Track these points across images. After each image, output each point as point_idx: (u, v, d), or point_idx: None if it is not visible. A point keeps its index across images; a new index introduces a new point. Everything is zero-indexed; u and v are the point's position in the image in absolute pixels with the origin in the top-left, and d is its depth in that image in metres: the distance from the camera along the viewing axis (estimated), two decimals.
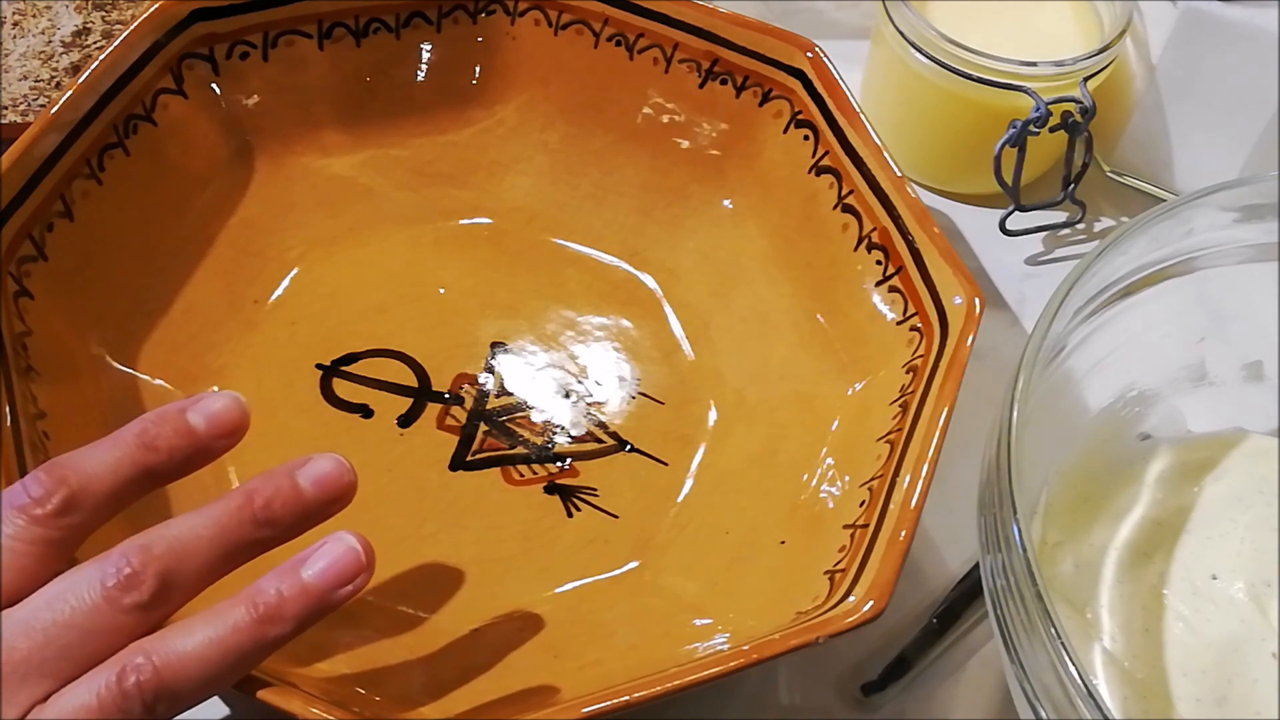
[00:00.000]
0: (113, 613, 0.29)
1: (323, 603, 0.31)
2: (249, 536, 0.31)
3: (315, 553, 0.31)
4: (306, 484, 0.32)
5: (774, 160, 0.47)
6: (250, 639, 0.30)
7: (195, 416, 0.32)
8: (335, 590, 0.31)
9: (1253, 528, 0.40)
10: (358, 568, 0.31)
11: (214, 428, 0.32)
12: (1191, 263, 0.41)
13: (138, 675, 0.28)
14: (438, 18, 0.48)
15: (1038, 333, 0.36)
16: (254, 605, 0.30)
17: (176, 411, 0.32)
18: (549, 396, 0.45)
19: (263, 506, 0.31)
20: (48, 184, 0.41)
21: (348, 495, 0.32)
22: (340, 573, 0.31)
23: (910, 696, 0.42)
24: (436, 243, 0.49)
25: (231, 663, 0.30)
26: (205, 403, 0.33)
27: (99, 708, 0.28)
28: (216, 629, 0.30)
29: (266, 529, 0.31)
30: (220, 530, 0.31)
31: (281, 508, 0.31)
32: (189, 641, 0.29)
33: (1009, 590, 0.33)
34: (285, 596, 0.30)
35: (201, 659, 0.29)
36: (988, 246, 0.54)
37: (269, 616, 0.30)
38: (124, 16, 0.53)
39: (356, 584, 0.31)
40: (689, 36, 0.47)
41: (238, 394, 0.33)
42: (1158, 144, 0.54)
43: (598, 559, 0.42)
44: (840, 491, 0.40)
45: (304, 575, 0.30)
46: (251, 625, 0.30)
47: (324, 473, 0.32)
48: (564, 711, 0.32)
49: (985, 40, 0.50)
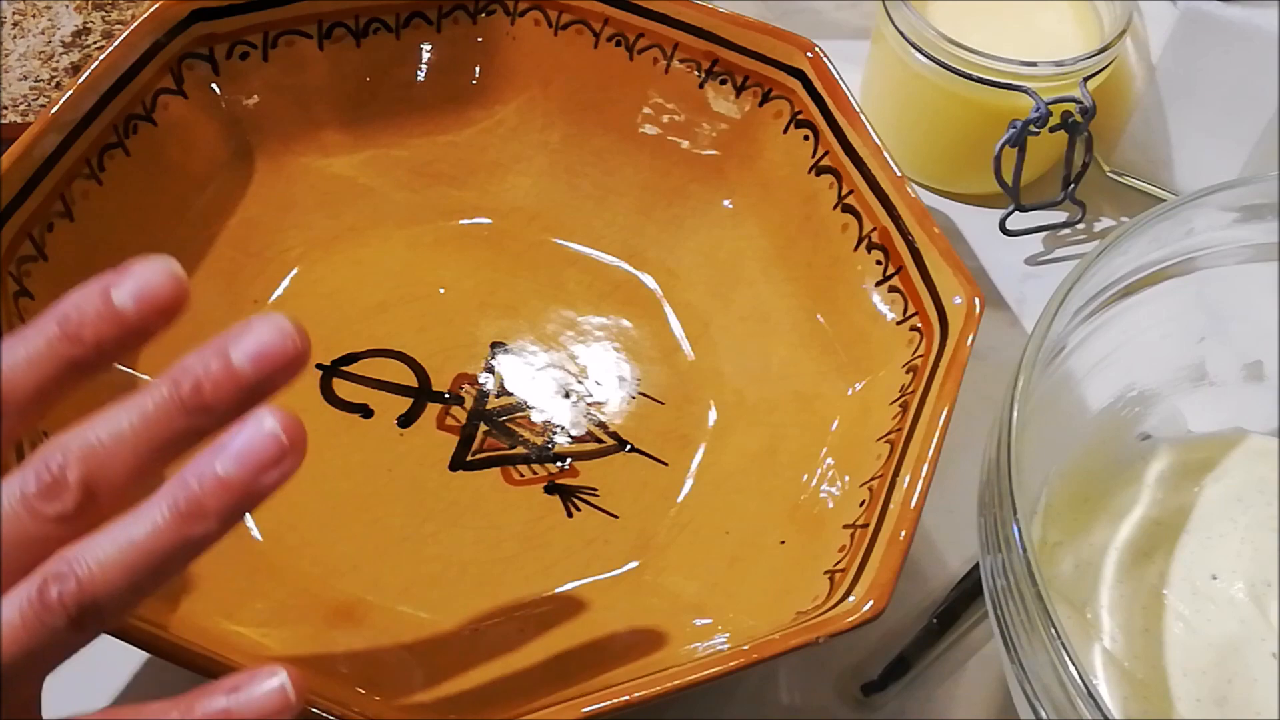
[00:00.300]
0: (35, 523, 0.27)
1: (246, 494, 0.27)
2: (180, 427, 0.27)
3: (232, 438, 0.27)
4: (242, 360, 0.27)
5: (774, 160, 0.47)
6: (173, 540, 0.27)
7: (122, 295, 0.28)
8: (257, 479, 0.27)
9: (1253, 528, 0.40)
10: (279, 451, 0.27)
11: (145, 306, 0.28)
12: (1191, 263, 0.41)
13: (60, 587, 0.26)
14: (438, 18, 0.48)
15: (1038, 333, 0.36)
16: (175, 503, 0.27)
17: (100, 291, 0.28)
18: (549, 396, 0.45)
19: (192, 392, 0.27)
20: (48, 184, 0.41)
21: (295, 364, 0.28)
22: (261, 459, 0.27)
23: (910, 696, 0.42)
24: (436, 243, 0.49)
25: (156, 567, 0.27)
26: (133, 276, 0.28)
27: (23, 624, 0.27)
28: (137, 531, 0.27)
29: (199, 416, 0.27)
30: (146, 424, 0.27)
31: (214, 392, 0.27)
32: (109, 548, 0.27)
33: (1009, 590, 0.33)
34: (206, 491, 0.27)
35: (124, 565, 0.27)
36: (988, 246, 0.54)
37: (190, 514, 0.27)
38: (124, 16, 0.53)
39: (282, 469, 0.27)
40: (689, 36, 0.47)
41: (170, 259, 0.28)
42: (1158, 144, 0.54)
43: (598, 559, 0.42)
44: (840, 491, 0.40)
45: (219, 467, 0.27)
46: (173, 525, 0.27)
47: (263, 345, 0.27)
48: (564, 711, 0.32)
49: (985, 40, 0.50)
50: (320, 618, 0.39)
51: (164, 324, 0.28)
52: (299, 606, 0.39)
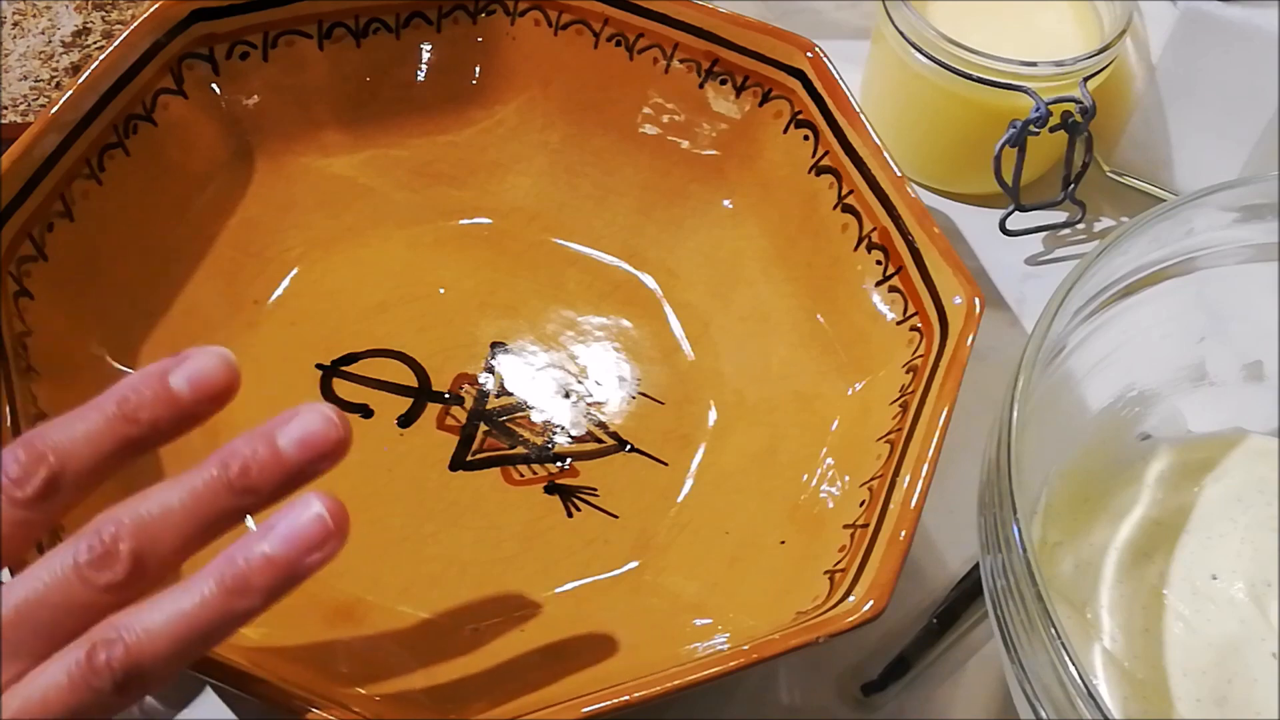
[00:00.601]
0: (86, 591, 0.28)
1: (290, 573, 0.29)
2: (226, 506, 0.29)
3: (281, 519, 0.29)
4: (288, 445, 0.29)
5: (774, 160, 0.47)
6: (218, 613, 0.28)
7: (178, 381, 0.30)
8: (302, 560, 0.29)
9: (1253, 528, 0.40)
10: (324, 534, 0.29)
11: (199, 393, 0.30)
12: (1191, 263, 0.41)
13: (108, 653, 0.28)
14: (438, 18, 0.48)
15: (1038, 333, 0.36)
16: (221, 578, 0.28)
17: (158, 376, 0.30)
18: (549, 396, 0.45)
19: (239, 474, 0.29)
20: (48, 184, 0.41)
21: (337, 452, 0.30)
22: (306, 542, 0.29)
23: (910, 696, 0.42)
24: (436, 243, 0.49)
25: (200, 637, 0.28)
26: (190, 365, 0.30)
27: (69, 686, 0.28)
28: (184, 604, 0.28)
29: (246, 497, 0.29)
30: (195, 502, 0.29)
31: (260, 474, 0.29)
32: (157, 617, 0.28)
33: (1009, 590, 0.33)
34: (252, 568, 0.28)
35: (171, 635, 0.28)
36: (988, 246, 0.54)
37: (236, 589, 0.28)
38: (124, 16, 0.53)
39: (326, 551, 0.29)
40: (689, 36, 0.47)
41: (225, 350, 0.30)
42: (1158, 144, 0.54)
43: (598, 559, 0.42)
44: (840, 491, 0.40)
45: (268, 547, 0.28)
46: (219, 599, 0.28)
47: (308, 432, 0.29)
48: (564, 711, 0.32)
49: (985, 40, 0.50)
50: (320, 618, 0.39)
51: (216, 409, 0.30)
52: (299, 606, 0.38)
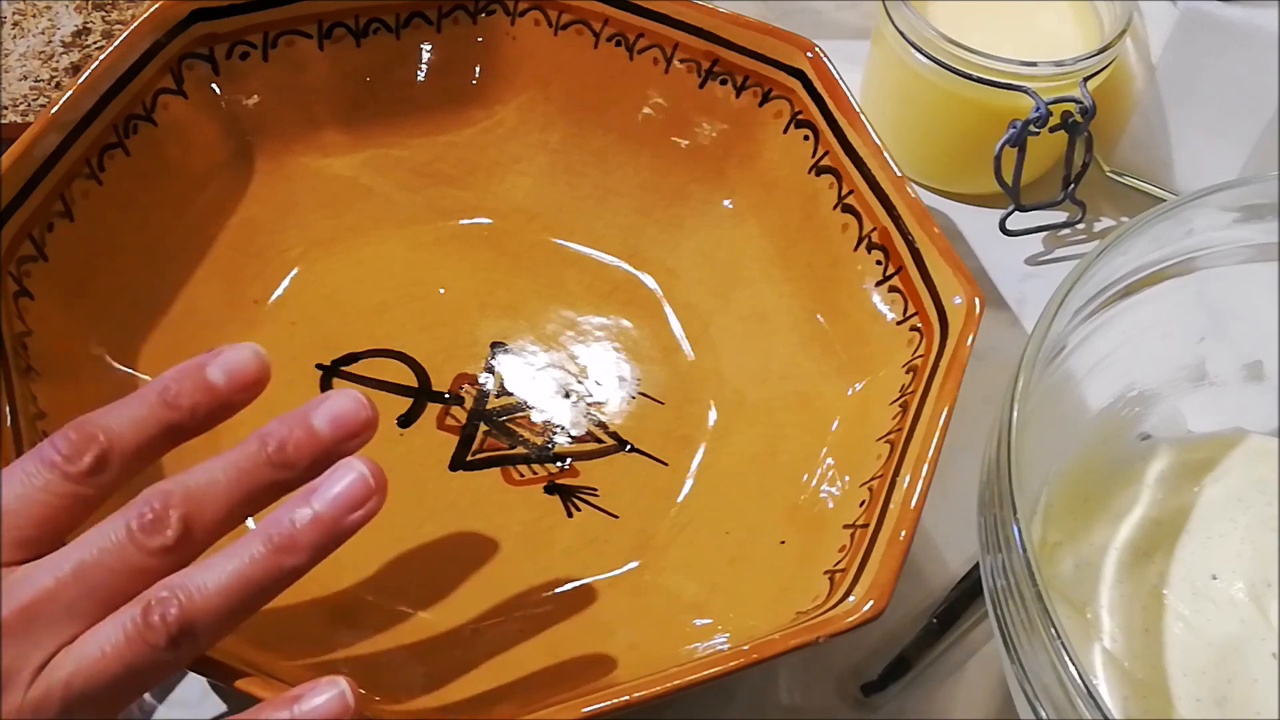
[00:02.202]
0: (139, 554, 0.30)
1: (335, 530, 0.31)
2: (266, 480, 0.31)
3: (325, 482, 0.31)
4: (321, 425, 0.32)
5: (774, 160, 0.47)
6: (268, 570, 0.30)
7: (215, 372, 0.32)
8: (346, 517, 0.31)
9: (1253, 528, 0.40)
10: (366, 493, 0.31)
11: (234, 382, 0.33)
12: (1191, 263, 0.41)
13: (163, 610, 0.29)
14: (438, 18, 0.48)
15: (1038, 333, 0.36)
16: (269, 538, 0.30)
17: (197, 367, 0.32)
18: (549, 396, 0.45)
19: (277, 450, 0.31)
20: (48, 184, 0.41)
21: (366, 431, 0.32)
22: (350, 499, 0.31)
23: (910, 696, 0.42)
24: (436, 243, 0.49)
25: (252, 593, 0.30)
26: (225, 357, 0.33)
27: (126, 643, 0.29)
28: (235, 563, 0.30)
29: (283, 471, 0.31)
30: (238, 475, 0.31)
31: (295, 451, 0.31)
32: (210, 576, 0.30)
33: (1009, 590, 0.33)
34: (298, 527, 0.31)
35: (223, 592, 0.30)
36: (988, 246, 0.54)
37: (284, 547, 0.30)
38: (124, 16, 0.53)
39: (367, 509, 0.31)
40: (689, 36, 0.47)
41: (257, 346, 0.33)
42: (1158, 144, 0.54)
43: (598, 559, 0.42)
44: (840, 491, 0.40)
45: (314, 506, 0.31)
46: (268, 556, 0.30)
47: (340, 412, 0.32)
48: (564, 711, 0.32)
49: (985, 40, 0.50)
50: (320, 618, 0.39)
51: (250, 397, 0.33)
52: (299, 606, 0.39)
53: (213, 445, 0.41)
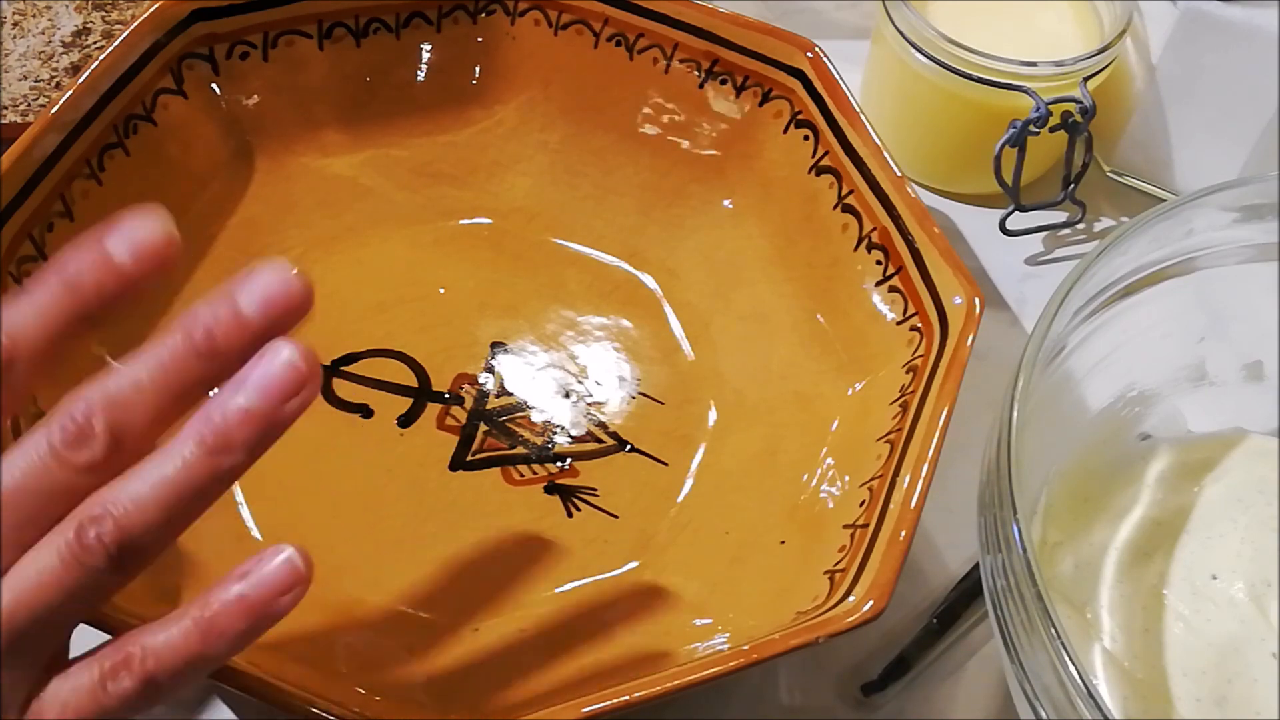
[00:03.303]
0: (65, 472, 0.28)
1: (271, 422, 0.28)
2: (195, 373, 0.28)
3: (253, 370, 0.28)
4: (249, 306, 0.28)
5: (774, 160, 0.47)
6: (204, 474, 0.28)
7: (116, 246, 0.28)
8: (281, 407, 0.28)
9: (1253, 528, 0.40)
10: (299, 379, 0.28)
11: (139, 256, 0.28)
12: (1191, 263, 0.41)
13: (97, 529, 0.27)
14: (438, 18, 0.48)
15: (1038, 333, 0.36)
16: (201, 438, 0.28)
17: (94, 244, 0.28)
18: (549, 396, 0.45)
19: (204, 339, 0.28)
20: (48, 184, 0.41)
21: (301, 307, 0.29)
22: (281, 389, 0.28)
23: (910, 696, 0.42)
24: (436, 243, 0.49)
25: (190, 501, 0.28)
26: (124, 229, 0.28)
27: (63, 568, 0.27)
28: (169, 468, 0.28)
29: (212, 362, 0.28)
30: (163, 371, 0.28)
31: (225, 337, 0.28)
32: (142, 486, 0.28)
33: (1009, 590, 0.33)
34: (231, 423, 0.28)
35: (159, 502, 0.28)
36: (988, 246, 0.54)
37: (218, 447, 0.28)
38: (124, 16, 0.53)
39: (304, 396, 0.28)
40: (689, 36, 0.47)
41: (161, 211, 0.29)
42: (1158, 144, 0.54)
43: (598, 559, 0.42)
44: (840, 491, 0.40)
45: (245, 398, 0.28)
46: (202, 459, 0.28)
47: (268, 289, 0.28)
48: (564, 711, 0.32)
49: (985, 40, 0.50)
50: (320, 618, 0.39)
51: (158, 272, 0.29)
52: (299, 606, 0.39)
53: None
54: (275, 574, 0.28)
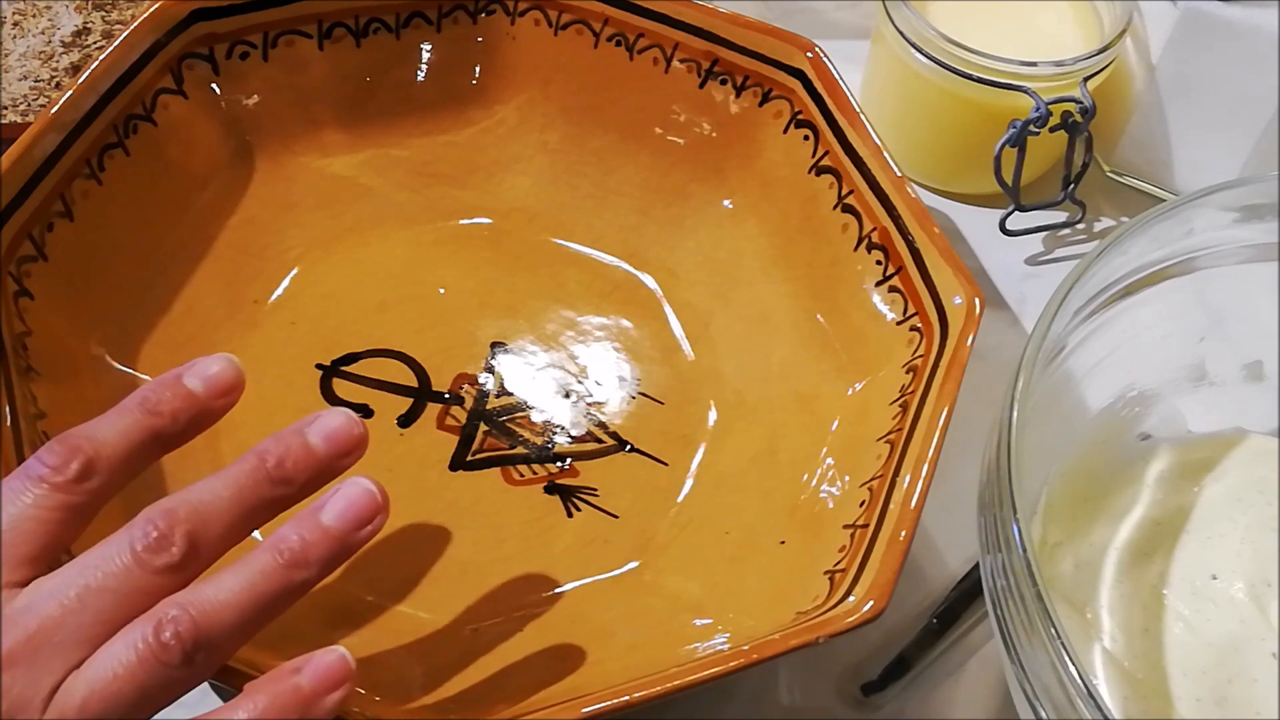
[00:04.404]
0: (144, 574, 0.30)
1: (344, 544, 0.31)
2: (266, 495, 0.32)
3: (332, 497, 0.32)
4: (316, 440, 0.32)
5: (774, 160, 0.47)
6: (278, 584, 0.31)
7: (193, 380, 0.33)
8: (355, 532, 0.32)
9: (1253, 528, 0.40)
10: (374, 509, 0.32)
11: (211, 389, 0.33)
12: (1191, 263, 0.41)
13: (175, 626, 0.29)
14: (438, 18, 0.48)
15: (1038, 333, 0.36)
16: (279, 552, 0.31)
17: (174, 378, 0.33)
18: (549, 396, 0.45)
19: (276, 465, 0.32)
20: (48, 184, 0.41)
21: (359, 448, 0.33)
22: (358, 514, 0.32)
23: (910, 696, 0.42)
24: (436, 243, 0.49)
25: (263, 607, 0.30)
26: (200, 367, 0.33)
27: (139, 663, 0.29)
28: (245, 577, 0.30)
29: (282, 487, 0.32)
30: (238, 490, 0.31)
31: (294, 465, 0.32)
32: (220, 591, 0.30)
33: (1009, 590, 0.33)
34: (308, 541, 0.31)
35: (234, 605, 0.30)
36: (988, 246, 0.54)
37: (294, 562, 0.31)
38: (124, 16, 0.53)
39: (374, 525, 0.32)
40: (689, 36, 0.47)
41: (230, 355, 0.34)
42: (1158, 144, 0.54)
43: (598, 559, 0.42)
44: (840, 491, 0.40)
45: (324, 520, 0.31)
46: (279, 571, 0.31)
47: (333, 428, 0.33)
48: (564, 711, 0.32)
49: (985, 40, 0.50)
50: (320, 618, 0.39)
51: (228, 404, 0.34)
52: (299, 606, 0.38)
53: (213, 457, 0.42)
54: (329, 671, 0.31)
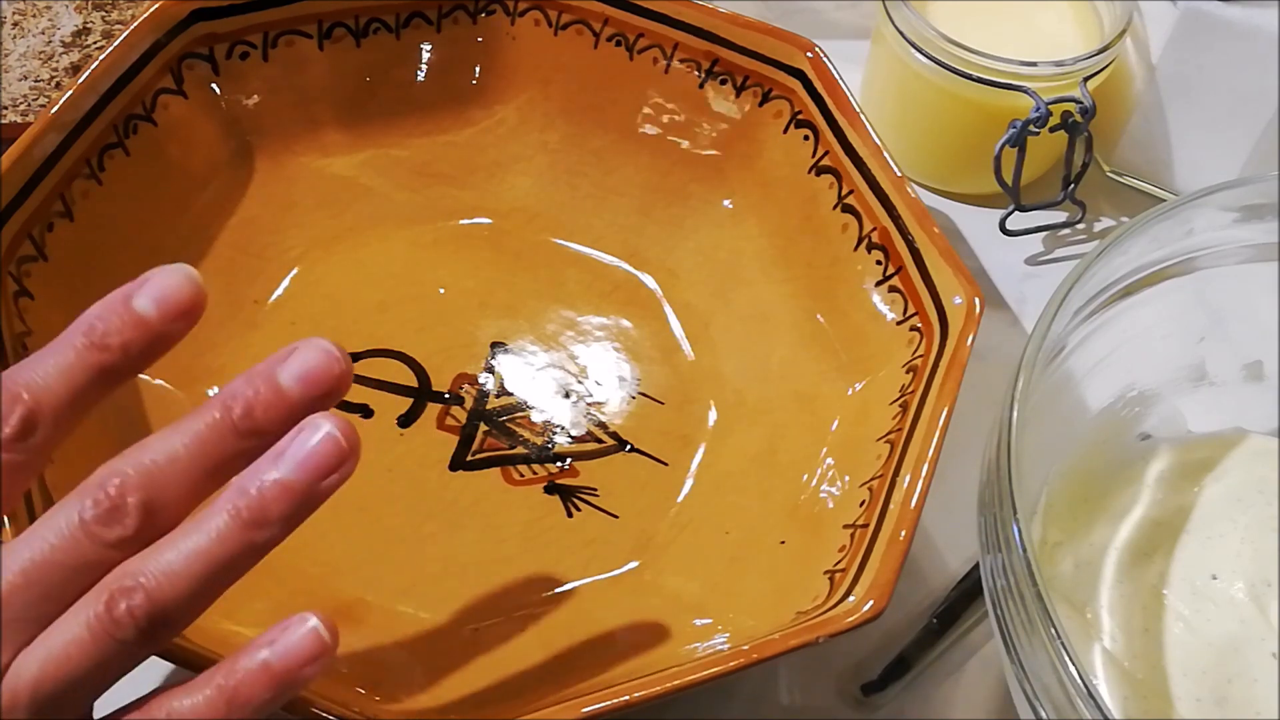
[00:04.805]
0: (95, 548, 0.27)
1: (307, 498, 0.28)
2: (232, 449, 0.28)
3: (292, 444, 0.28)
4: (290, 382, 0.28)
5: (774, 160, 0.47)
6: (237, 547, 0.27)
7: (144, 302, 0.29)
8: (318, 483, 0.28)
9: (1253, 528, 0.40)
10: (339, 455, 0.28)
11: (166, 311, 0.29)
12: (1191, 263, 0.41)
13: (127, 600, 0.27)
14: (438, 18, 0.48)
15: (1038, 333, 0.36)
16: (236, 511, 0.27)
17: (122, 299, 0.29)
18: (549, 396, 0.45)
19: (243, 415, 0.28)
20: (48, 184, 0.41)
21: (340, 386, 0.28)
22: (321, 464, 0.28)
23: (910, 696, 0.42)
24: (436, 243, 0.49)
25: (221, 572, 0.27)
26: (154, 284, 0.29)
27: (91, 640, 0.27)
28: (201, 540, 0.27)
29: (250, 439, 0.28)
30: (200, 446, 0.28)
31: (264, 413, 0.28)
32: (174, 557, 0.27)
33: (1009, 590, 0.33)
34: (267, 498, 0.27)
35: (190, 574, 0.27)
36: (988, 246, 0.54)
37: (253, 521, 0.27)
38: (124, 16, 0.53)
39: (341, 473, 0.28)
40: (689, 36, 0.47)
41: (186, 266, 0.29)
42: (1158, 144, 0.54)
43: (598, 559, 0.42)
44: (840, 491, 0.40)
45: (283, 471, 0.27)
46: (236, 532, 0.27)
47: (309, 367, 0.28)
48: (564, 711, 0.32)
49: (985, 40, 0.50)
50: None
51: (185, 327, 0.29)
52: (299, 606, 0.38)
53: None
54: (300, 643, 0.28)
